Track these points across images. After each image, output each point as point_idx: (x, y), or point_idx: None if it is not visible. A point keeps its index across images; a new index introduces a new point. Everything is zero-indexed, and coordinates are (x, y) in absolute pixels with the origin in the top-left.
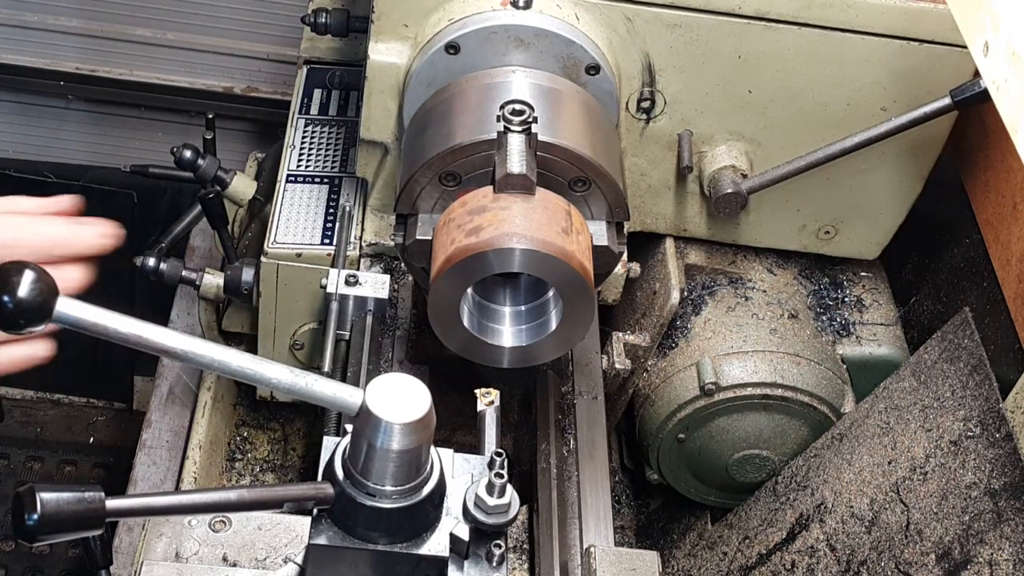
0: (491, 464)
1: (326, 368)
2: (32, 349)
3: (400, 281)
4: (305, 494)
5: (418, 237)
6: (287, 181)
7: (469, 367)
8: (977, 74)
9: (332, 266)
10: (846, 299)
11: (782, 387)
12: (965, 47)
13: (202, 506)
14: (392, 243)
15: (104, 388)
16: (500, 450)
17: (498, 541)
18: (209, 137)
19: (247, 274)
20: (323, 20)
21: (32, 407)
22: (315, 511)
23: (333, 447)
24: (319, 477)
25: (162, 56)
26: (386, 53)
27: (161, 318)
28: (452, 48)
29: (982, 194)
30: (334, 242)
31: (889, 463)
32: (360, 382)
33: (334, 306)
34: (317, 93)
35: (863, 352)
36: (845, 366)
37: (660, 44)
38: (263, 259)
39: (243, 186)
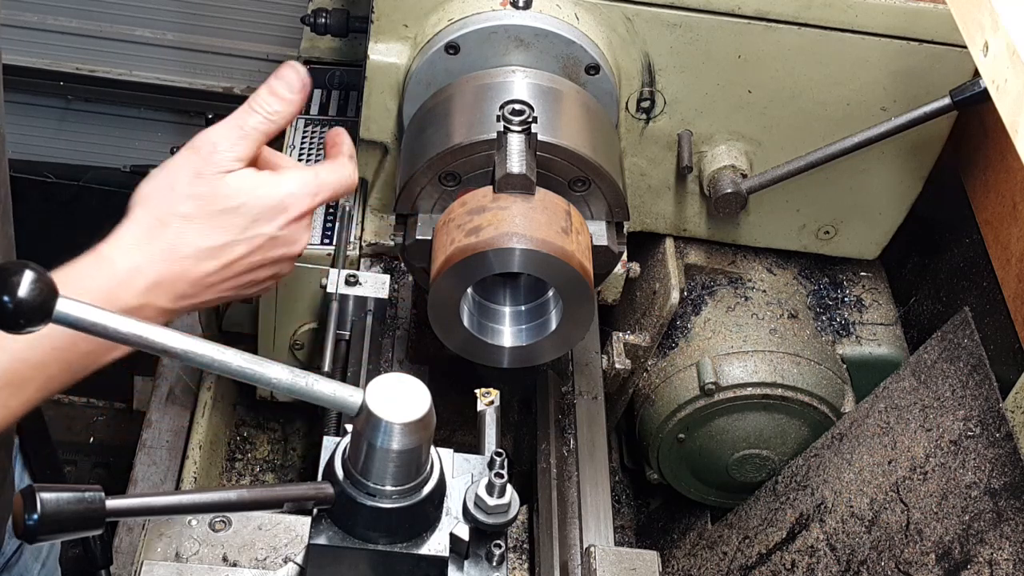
0: (491, 464)
1: (326, 368)
2: None
3: (400, 281)
4: (305, 494)
5: (418, 237)
6: None
7: (469, 367)
8: (977, 74)
9: (332, 266)
10: (846, 299)
11: (782, 387)
12: (965, 47)
13: (202, 506)
14: (392, 243)
15: (104, 388)
16: (500, 450)
17: (498, 541)
18: None
19: None
20: (323, 20)
21: None
22: (315, 511)
23: (333, 447)
24: (319, 477)
25: (162, 56)
26: (386, 53)
27: None
28: (452, 48)
29: (982, 194)
30: (334, 242)
31: (889, 463)
32: (360, 382)
33: (334, 306)
34: (317, 93)
35: (863, 352)
36: (845, 366)
37: (660, 44)
38: None
39: None
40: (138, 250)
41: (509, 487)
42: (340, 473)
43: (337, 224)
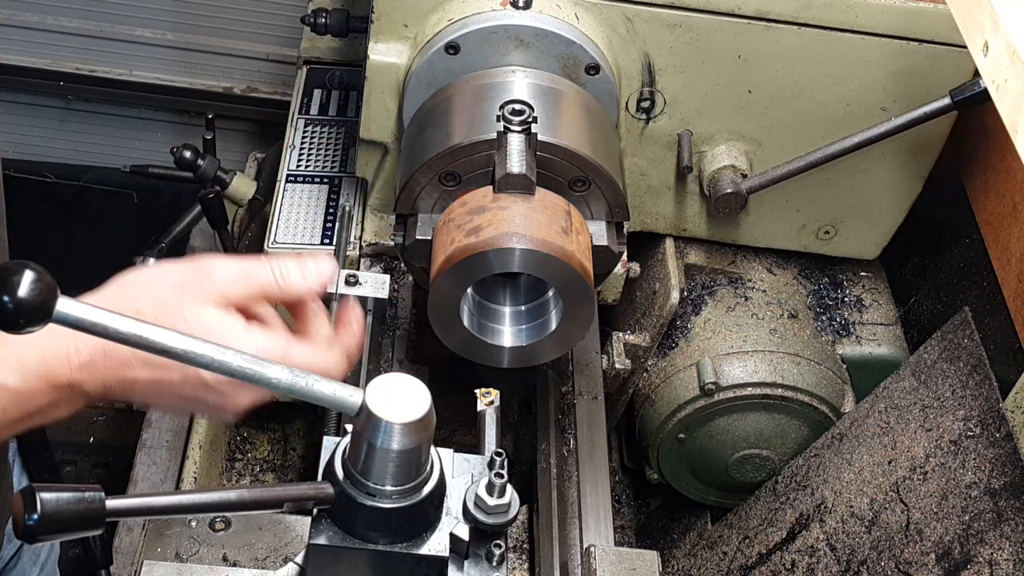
0: (491, 464)
1: None
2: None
3: (400, 281)
4: (305, 494)
5: (418, 237)
6: (287, 181)
7: (469, 367)
8: (977, 74)
9: None
10: (846, 299)
11: (782, 387)
12: (965, 47)
13: (202, 506)
14: (392, 243)
15: None
16: (500, 450)
17: (498, 541)
18: (209, 137)
19: None
20: (323, 20)
21: None
22: (315, 511)
23: (333, 447)
24: (319, 477)
25: (162, 56)
26: (386, 53)
27: None
28: (452, 48)
29: (982, 194)
30: (334, 242)
31: (889, 463)
32: (360, 382)
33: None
34: (317, 93)
35: (863, 352)
36: (845, 366)
37: (660, 44)
38: None
39: (243, 186)
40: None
41: (509, 487)
42: (340, 473)
43: (337, 224)
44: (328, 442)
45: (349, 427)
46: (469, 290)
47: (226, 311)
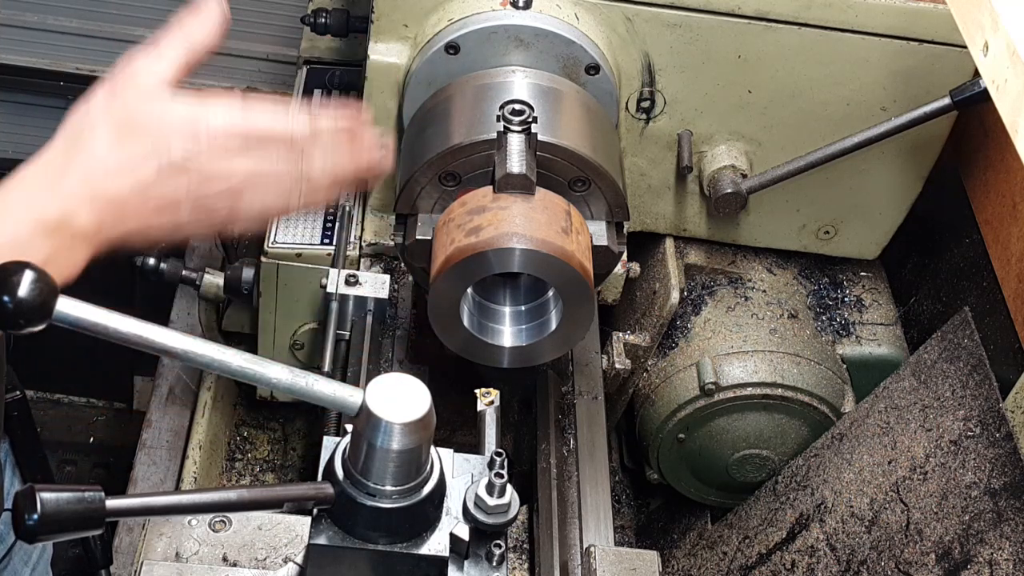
0: (491, 464)
1: (326, 368)
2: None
3: (400, 281)
4: (305, 494)
5: (418, 237)
6: None
7: (469, 367)
8: (977, 74)
9: (332, 266)
10: (846, 299)
11: (782, 387)
12: (965, 47)
13: (202, 506)
14: (392, 243)
15: (104, 388)
16: (500, 450)
17: (498, 541)
18: None
19: (247, 274)
20: (323, 20)
21: (32, 407)
22: (315, 511)
23: (333, 447)
24: (319, 477)
25: None
26: (386, 53)
27: (161, 318)
28: (452, 48)
29: (982, 194)
30: (334, 242)
31: (889, 463)
32: (360, 382)
33: (334, 306)
34: (317, 93)
35: (863, 352)
36: (845, 366)
37: (660, 44)
38: (263, 259)
39: None
40: (55, 160)
41: (509, 487)
42: (340, 473)
43: (337, 224)
44: (328, 442)
45: (349, 427)
46: (469, 290)
47: (172, 96)
